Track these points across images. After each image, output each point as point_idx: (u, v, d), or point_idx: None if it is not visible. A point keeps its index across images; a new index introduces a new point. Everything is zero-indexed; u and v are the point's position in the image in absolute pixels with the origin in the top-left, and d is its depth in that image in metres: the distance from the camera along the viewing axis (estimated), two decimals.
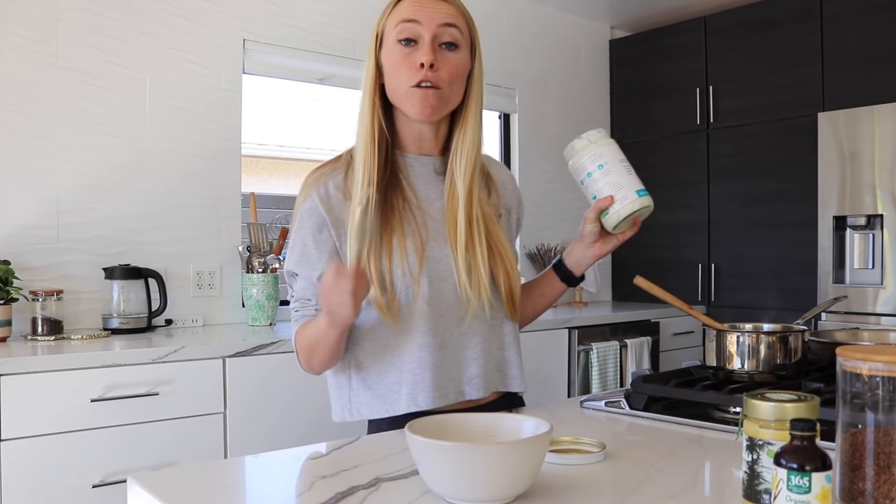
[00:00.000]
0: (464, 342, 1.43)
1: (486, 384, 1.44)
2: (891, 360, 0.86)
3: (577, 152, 1.45)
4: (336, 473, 1.08)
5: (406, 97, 1.38)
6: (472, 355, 1.44)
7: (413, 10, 1.37)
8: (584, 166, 1.44)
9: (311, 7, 3.33)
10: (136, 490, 1.03)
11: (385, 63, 1.41)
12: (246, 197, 3.18)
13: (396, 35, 1.38)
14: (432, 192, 1.46)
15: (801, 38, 3.72)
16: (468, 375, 1.43)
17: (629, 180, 1.42)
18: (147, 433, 2.28)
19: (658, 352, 3.85)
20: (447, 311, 1.41)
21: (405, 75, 1.37)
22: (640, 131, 4.48)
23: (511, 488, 0.91)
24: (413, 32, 1.37)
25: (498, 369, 1.48)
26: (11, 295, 2.48)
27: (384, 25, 1.41)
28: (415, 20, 1.37)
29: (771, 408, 0.87)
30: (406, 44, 1.38)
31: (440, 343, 1.40)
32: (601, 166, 1.42)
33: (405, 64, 1.37)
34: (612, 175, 1.42)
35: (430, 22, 1.37)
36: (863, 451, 0.87)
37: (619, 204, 1.41)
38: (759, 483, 0.87)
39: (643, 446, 1.22)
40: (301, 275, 1.42)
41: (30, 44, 2.66)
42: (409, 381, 1.39)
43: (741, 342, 1.47)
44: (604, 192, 1.43)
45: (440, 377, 1.39)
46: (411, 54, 1.37)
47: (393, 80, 1.39)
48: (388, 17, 1.40)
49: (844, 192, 3.39)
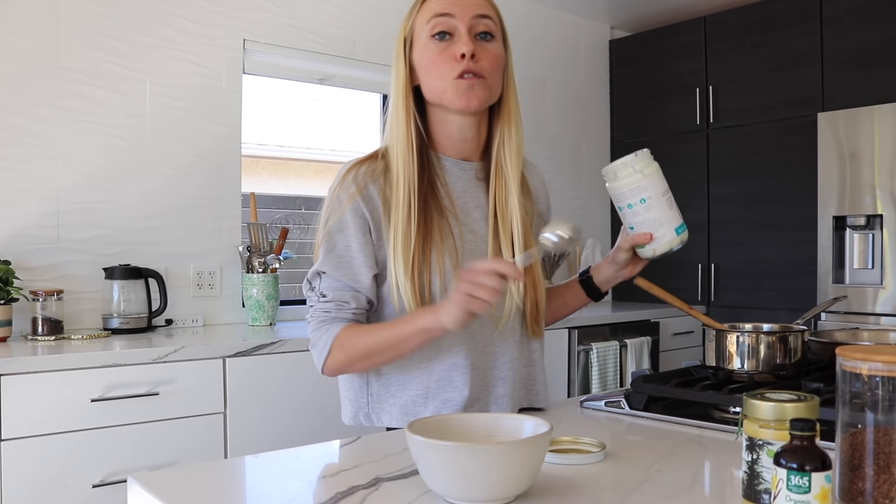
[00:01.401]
0: (492, 361, 1.43)
1: (512, 403, 1.44)
2: (890, 360, 0.86)
3: (620, 179, 1.40)
4: (336, 473, 1.08)
5: (449, 90, 1.35)
6: (501, 374, 1.43)
7: (444, 4, 1.36)
8: (625, 197, 1.40)
9: (311, 7, 3.34)
10: (136, 490, 1.03)
11: (419, 62, 1.38)
12: (246, 197, 3.18)
13: (430, 31, 1.36)
14: (470, 201, 1.44)
15: (800, 39, 3.73)
16: (495, 395, 1.43)
17: (670, 217, 1.41)
18: (147, 433, 2.29)
19: (658, 352, 3.86)
20: (479, 328, 1.40)
21: (445, 69, 1.35)
22: (640, 131, 4.48)
23: (511, 488, 0.92)
24: (448, 25, 1.35)
25: (524, 386, 1.48)
26: (12, 295, 2.48)
27: (413, 25, 1.39)
28: (448, 13, 1.35)
29: (771, 408, 0.87)
30: (441, 38, 1.36)
31: (472, 363, 1.39)
32: (643, 200, 1.39)
33: (443, 58, 1.35)
34: (654, 211, 1.40)
35: (464, 13, 1.35)
36: (862, 450, 0.87)
37: (657, 243, 1.42)
38: (759, 483, 0.87)
39: (643, 446, 1.22)
40: (336, 277, 1.36)
41: (30, 44, 2.66)
42: (436, 396, 1.38)
43: (741, 342, 1.47)
44: (643, 228, 1.42)
45: (469, 397, 1.38)
46: (448, 48, 1.35)
47: (431, 78, 1.37)
48: (416, 16, 1.39)
49: (844, 193, 3.40)
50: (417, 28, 1.38)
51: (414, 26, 1.39)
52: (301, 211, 3.63)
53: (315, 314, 1.38)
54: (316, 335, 1.36)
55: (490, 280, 1.19)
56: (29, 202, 2.66)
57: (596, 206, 4.48)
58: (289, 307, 3.30)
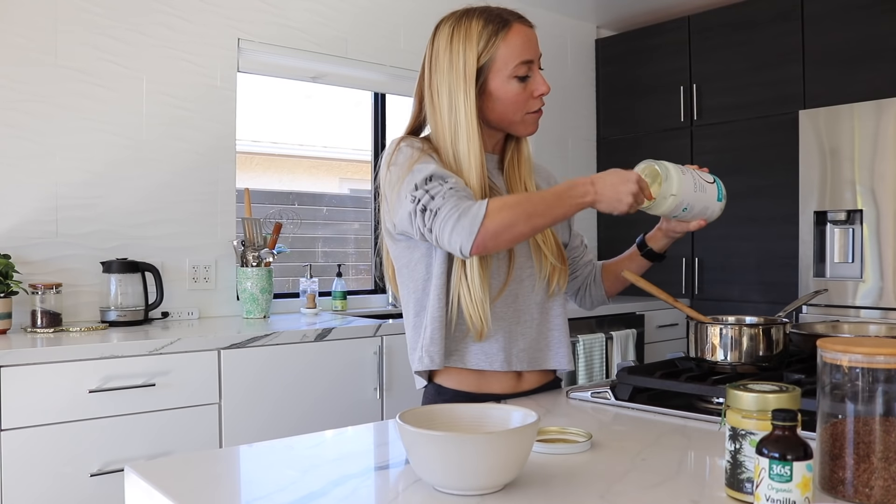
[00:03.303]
0: (517, 316, 1.54)
1: (528, 358, 1.55)
2: (870, 352, 0.87)
3: (661, 207, 1.49)
4: (328, 462, 1.09)
5: (521, 123, 1.52)
6: (522, 330, 1.55)
7: (528, 48, 1.48)
8: (671, 214, 1.51)
9: (303, 7, 3.37)
10: (133, 479, 1.03)
11: (498, 93, 1.48)
12: (240, 192, 3.21)
13: (514, 72, 1.47)
14: (497, 182, 1.57)
15: (782, 38, 3.77)
16: (517, 348, 1.54)
17: (708, 198, 1.53)
18: (144, 423, 2.30)
19: (643, 344, 3.88)
20: (516, 284, 1.54)
21: (524, 106, 1.50)
22: (625, 128, 4.53)
23: (499, 477, 0.92)
24: (529, 69, 1.49)
25: (543, 346, 1.59)
26: (11, 288, 2.50)
27: (494, 55, 1.46)
28: (532, 60, 1.49)
29: (753, 398, 0.88)
30: (522, 80, 1.48)
31: (499, 312, 1.51)
32: (685, 210, 1.50)
33: (523, 97, 1.49)
34: (697, 208, 1.52)
35: (537, 55, 1.51)
36: (843, 440, 0.89)
37: (709, 219, 1.56)
38: (742, 472, 0.88)
39: (629, 436, 1.23)
40: (448, 173, 1.40)
41: (29, 43, 2.69)
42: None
43: (724, 334, 1.48)
44: (696, 219, 1.55)
45: (493, 344, 1.51)
46: (527, 87, 1.49)
47: (507, 110, 1.50)
48: (498, 46, 1.46)
49: (825, 188, 3.42)
50: (500, 61, 1.46)
51: (495, 56, 1.46)
52: (294, 206, 3.67)
53: (448, 194, 1.36)
54: (460, 208, 1.33)
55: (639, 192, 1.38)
56: (28, 198, 2.69)
57: None
58: (282, 300, 3.34)
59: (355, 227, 3.87)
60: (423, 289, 1.51)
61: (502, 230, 1.32)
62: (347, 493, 0.96)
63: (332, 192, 3.90)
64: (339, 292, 3.43)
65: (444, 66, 1.47)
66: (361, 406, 2.77)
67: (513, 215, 1.32)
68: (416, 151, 1.44)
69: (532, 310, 1.56)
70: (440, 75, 1.47)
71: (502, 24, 1.46)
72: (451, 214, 1.32)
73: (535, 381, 1.59)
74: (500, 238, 1.32)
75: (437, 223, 1.34)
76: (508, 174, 1.59)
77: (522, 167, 1.59)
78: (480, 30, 1.46)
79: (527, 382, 1.58)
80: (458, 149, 1.46)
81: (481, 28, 1.46)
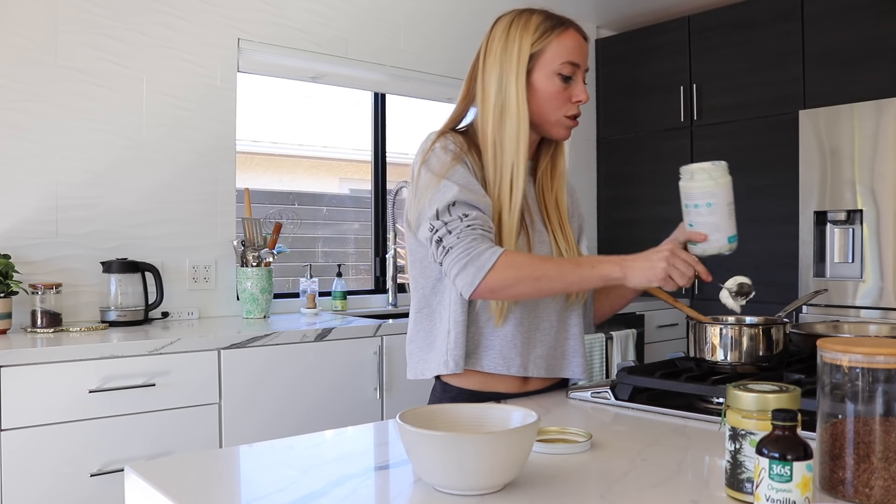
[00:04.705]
0: (536, 323, 1.56)
1: (546, 365, 1.57)
2: (870, 352, 0.87)
3: (695, 181, 1.49)
4: (328, 462, 1.10)
5: (556, 124, 1.54)
6: (540, 337, 1.56)
7: (578, 52, 1.52)
8: (695, 197, 1.49)
9: (303, 7, 3.37)
10: (133, 479, 1.04)
11: (539, 84, 1.51)
12: (240, 192, 3.21)
13: (559, 69, 1.50)
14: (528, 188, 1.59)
15: (782, 38, 3.77)
16: (534, 355, 1.55)
17: (727, 225, 1.51)
18: (144, 423, 2.31)
19: (643, 344, 3.89)
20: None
21: (562, 107, 1.53)
22: (625, 128, 4.53)
23: (499, 477, 0.93)
24: (573, 72, 1.52)
25: (559, 354, 1.60)
26: (11, 288, 2.50)
27: (545, 48, 1.51)
28: (579, 64, 1.52)
29: (753, 398, 0.88)
30: (565, 80, 1.51)
31: (519, 318, 1.53)
32: (709, 205, 1.48)
33: (563, 97, 1.52)
34: (716, 216, 1.49)
35: (584, 63, 1.55)
36: (843, 440, 0.89)
37: (709, 244, 1.51)
38: (742, 472, 0.89)
39: (628, 436, 1.23)
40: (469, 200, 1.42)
41: (29, 43, 2.69)
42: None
43: (724, 334, 1.49)
44: (701, 228, 1.50)
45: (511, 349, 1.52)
46: (568, 89, 1.52)
47: (544, 106, 1.52)
48: (552, 41, 1.51)
49: (825, 188, 3.42)
50: (549, 56, 1.51)
51: (545, 50, 1.51)
52: (294, 206, 3.67)
53: (464, 233, 1.38)
54: (470, 253, 1.37)
55: (689, 271, 1.38)
56: (28, 198, 2.69)
57: (583, 201, 4.52)
58: (282, 300, 3.34)
59: (355, 227, 3.87)
60: (433, 287, 1.54)
61: (502, 288, 1.37)
62: (347, 493, 0.96)
63: (332, 192, 3.90)
64: (339, 292, 3.43)
65: (499, 50, 1.51)
66: (361, 406, 2.77)
67: (518, 276, 1.36)
68: (449, 157, 1.47)
69: (551, 317, 1.58)
70: (493, 58, 1.52)
71: (560, 24, 1.53)
72: (461, 258, 1.37)
73: (540, 383, 1.61)
74: (497, 294, 1.39)
75: (447, 260, 1.39)
76: (541, 183, 1.62)
77: (556, 180, 1.62)
78: (539, 23, 1.52)
79: (532, 384, 1.59)
80: (503, 131, 1.49)
81: (540, 22, 1.52)
